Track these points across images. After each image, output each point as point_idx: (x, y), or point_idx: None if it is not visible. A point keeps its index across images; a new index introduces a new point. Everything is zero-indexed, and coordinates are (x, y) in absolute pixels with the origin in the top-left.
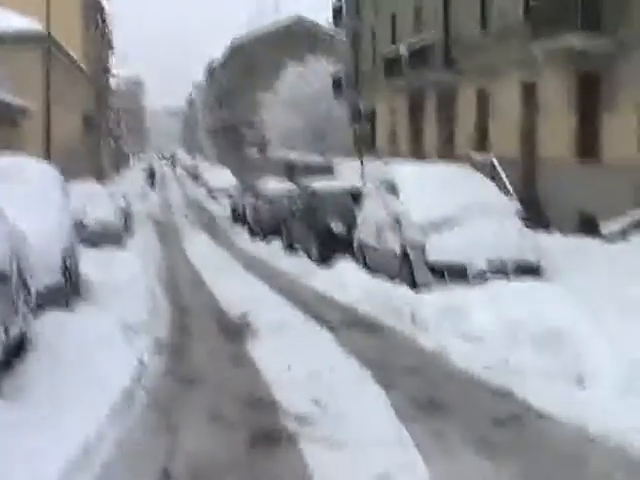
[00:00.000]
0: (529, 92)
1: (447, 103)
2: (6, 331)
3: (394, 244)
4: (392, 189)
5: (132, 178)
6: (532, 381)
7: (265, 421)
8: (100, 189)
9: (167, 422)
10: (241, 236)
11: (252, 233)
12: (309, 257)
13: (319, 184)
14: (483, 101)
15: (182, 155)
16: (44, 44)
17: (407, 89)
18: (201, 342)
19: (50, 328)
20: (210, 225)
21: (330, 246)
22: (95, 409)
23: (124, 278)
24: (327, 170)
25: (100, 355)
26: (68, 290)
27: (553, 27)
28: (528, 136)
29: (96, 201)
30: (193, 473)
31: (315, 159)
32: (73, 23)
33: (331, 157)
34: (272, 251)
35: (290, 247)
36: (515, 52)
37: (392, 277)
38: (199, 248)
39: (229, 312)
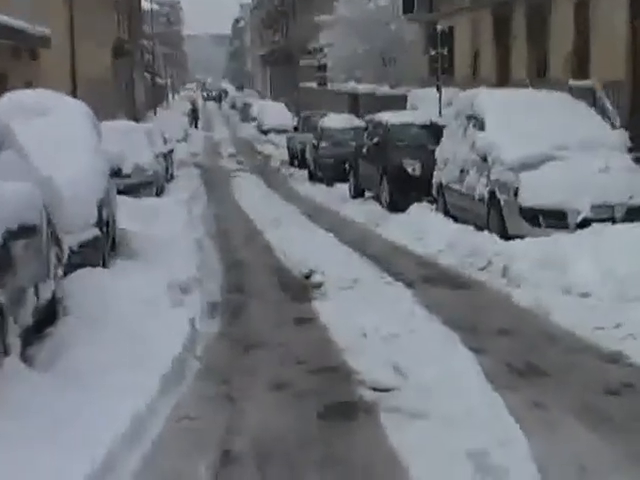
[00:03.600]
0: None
1: (539, 19)
2: (37, 293)
3: (480, 186)
4: (477, 121)
5: (172, 117)
6: None
7: (338, 391)
8: (137, 130)
9: (225, 394)
10: (300, 181)
11: (313, 177)
12: (381, 203)
13: (390, 118)
14: (582, 15)
15: (229, 89)
16: None
17: (492, 4)
18: (260, 302)
19: (86, 289)
20: (264, 169)
21: (405, 190)
22: (143, 380)
23: (168, 231)
24: (399, 102)
25: (145, 319)
26: (105, 246)
27: None
28: (638, 56)
29: (133, 144)
30: (257, 452)
31: (384, 90)
32: None
33: (402, 87)
34: (337, 197)
35: (358, 192)
36: None
37: (479, 225)
38: (252, 195)
39: (291, 268)
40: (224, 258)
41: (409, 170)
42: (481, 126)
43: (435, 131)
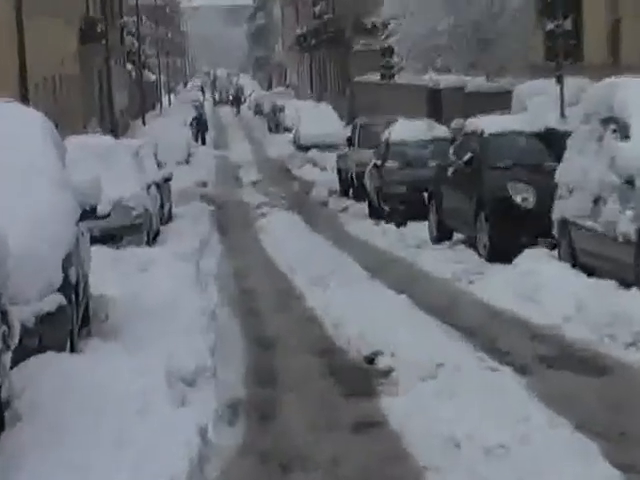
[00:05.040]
0: None
1: None
2: None
3: (625, 222)
4: (618, 126)
5: (168, 128)
6: None
7: None
8: (118, 149)
9: None
10: (358, 219)
11: (375, 213)
12: (476, 250)
13: (488, 125)
14: None
15: (251, 86)
16: None
17: None
18: (301, 400)
19: (46, 384)
20: (303, 203)
21: (512, 230)
22: None
23: (165, 296)
24: (500, 100)
25: (133, 427)
26: (74, 320)
27: None
28: None
29: (112, 171)
30: None
31: (478, 83)
32: None
33: (505, 79)
34: (412, 242)
35: (442, 234)
36: None
37: (624, 279)
38: (287, 242)
39: (346, 347)
40: (248, 335)
41: (518, 201)
42: (624, 133)
43: (554, 142)
